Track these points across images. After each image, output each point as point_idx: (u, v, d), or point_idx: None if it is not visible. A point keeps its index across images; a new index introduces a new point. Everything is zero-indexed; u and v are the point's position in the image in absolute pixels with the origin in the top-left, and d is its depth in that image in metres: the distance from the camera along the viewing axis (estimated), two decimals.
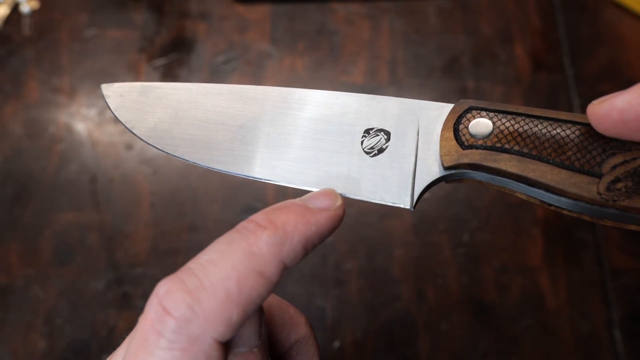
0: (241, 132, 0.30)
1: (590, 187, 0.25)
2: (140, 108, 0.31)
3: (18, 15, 0.73)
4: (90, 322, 0.58)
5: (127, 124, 0.31)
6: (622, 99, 0.23)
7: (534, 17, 0.72)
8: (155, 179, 0.64)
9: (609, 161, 0.25)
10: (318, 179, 0.29)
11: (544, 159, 0.26)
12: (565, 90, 0.68)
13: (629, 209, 0.24)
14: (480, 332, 0.57)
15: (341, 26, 0.72)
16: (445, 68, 0.70)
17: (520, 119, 0.27)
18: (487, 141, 0.27)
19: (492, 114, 0.27)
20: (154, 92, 0.31)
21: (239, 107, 0.30)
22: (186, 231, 0.62)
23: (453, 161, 0.27)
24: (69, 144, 0.66)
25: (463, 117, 0.28)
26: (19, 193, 0.64)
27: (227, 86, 0.31)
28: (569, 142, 0.26)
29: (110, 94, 0.31)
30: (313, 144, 0.29)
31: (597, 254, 0.60)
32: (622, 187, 0.24)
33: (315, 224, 0.23)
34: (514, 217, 0.62)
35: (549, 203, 0.26)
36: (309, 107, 0.30)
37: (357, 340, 0.57)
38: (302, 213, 0.23)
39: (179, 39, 0.72)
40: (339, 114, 0.30)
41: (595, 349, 0.56)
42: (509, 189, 0.27)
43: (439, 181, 0.28)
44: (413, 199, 0.28)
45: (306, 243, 0.22)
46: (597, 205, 0.24)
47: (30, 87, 0.69)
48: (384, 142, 0.29)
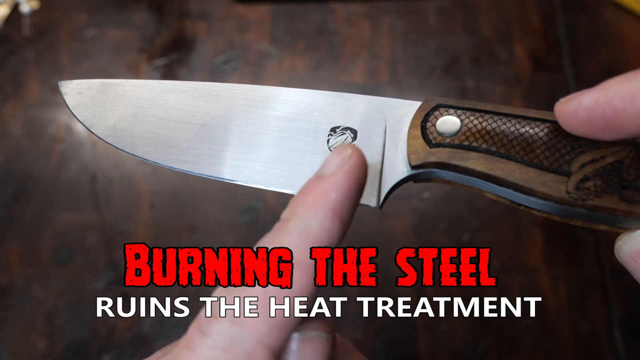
0: (204, 131, 0.29)
1: (559, 186, 0.24)
2: (99, 106, 0.30)
3: (18, 15, 0.73)
4: (90, 322, 0.58)
5: (86, 123, 0.30)
6: (589, 97, 0.22)
7: (534, 17, 0.72)
8: (155, 179, 0.64)
9: (577, 159, 0.24)
10: (283, 178, 0.28)
11: (512, 157, 0.25)
12: (565, 90, 0.68)
13: (598, 208, 0.23)
14: (480, 332, 0.57)
15: (341, 26, 0.72)
16: (445, 68, 0.70)
17: (489, 116, 0.26)
18: (455, 139, 0.26)
19: (460, 111, 0.27)
20: (114, 90, 0.30)
21: (202, 104, 0.30)
22: (186, 231, 0.62)
23: (420, 160, 0.26)
24: (69, 144, 0.66)
25: (431, 115, 0.27)
26: (19, 193, 0.64)
27: (191, 83, 0.30)
28: (537, 140, 0.25)
29: (69, 91, 0.30)
30: (278, 142, 0.28)
31: (597, 254, 0.60)
32: (591, 185, 0.24)
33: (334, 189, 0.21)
34: (514, 217, 0.62)
35: (518, 203, 0.26)
36: (274, 105, 0.29)
37: (357, 340, 0.57)
38: (317, 186, 0.21)
39: (179, 39, 0.72)
40: (305, 112, 0.29)
41: (595, 349, 0.56)
42: (478, 188, 0.27)
43: (406, 180, 0.28)
44: (380, 199, 0.27)
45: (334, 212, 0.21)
46: (566, 204, 0.24)
47: (30, 87, 0.69)
48: (350, 141, 0.28)
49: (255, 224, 0.62)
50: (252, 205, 0.63)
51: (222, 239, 0.61)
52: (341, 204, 0.21)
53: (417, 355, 0.57)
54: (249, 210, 0.63)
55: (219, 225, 0.62)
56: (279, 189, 0.28)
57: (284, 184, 0.28)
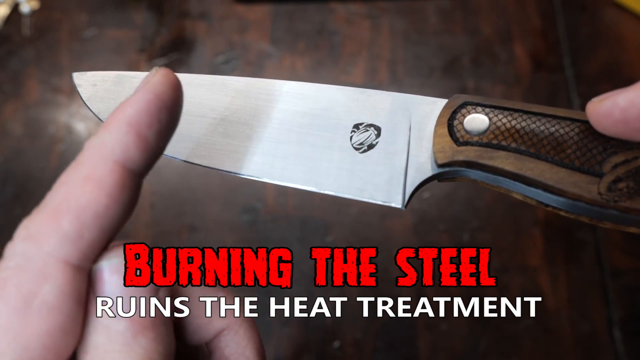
0: (223, 125, 0.28)
1: (591, 186, 0.23)
2: (114, 98, 0.29)
3: (18, 15, 0.73)
4: None
5: (100, 115, 0.29)
6: (624, 96, 0.22)
7: (534, 17, 0.72)
8: (155, 179, 0.64)
9: (609, 160, 0.24)
10: (304, 175, 0.27)
11: (542, 157, 0.24)
12: (565, 90, 0.68)
13: (631, 210, 0.23)
14: (480, 332, 0.57)
15: (341, 26, 0.72)
16: (445, 68, 0.70)
17: (517, 115, 0.26)
18: (483, 138, 0.26)
19: (488, 109, 0.26)
20: (129, 82, 0.29)
21: (221, 98, 0.29)
22: (186, 231, 0.62)
23: (447, 158, 0.26)
24: (69, 144, 0.66)
25: (458, 113, 0.26)
26: (19, 193, 0.64)
27: (208, 77, 0.29)
28: (568, 140, 0.24)
29: (83, 83, 0.29)
30: (299, 138, 0.27)
31: (597, 254, 0.60)
32: (623, 187, 0.23)
33: (131, 105, 0.20)
34: (514, 217, 0.62)
35: (546, 204, 0.25)
36: (295, 100, 0.28)
37: (357, 340, 0.57)
38: (118, 107, 0.21)
39: (179, 39, 0.72)
40: (326, 107, 0.28)
41: (595, 349, 0.56)
42: (505, 188, 0.26)
43: (431, 179, 0.27)
44: (404, 198, 0.26)
45: (130, 125, 0.20)
46: (598, 206, 0.23)
47: (30, 87, 0.69)
48: (374, 138, 0.27)
49: (255, 224, 0.62)
50: (252, 205, 0.63)
51: (222, 239, 0.61)
52: (138, 117, 0.20)
53: (417, 355, 0.57)
54: (249, 210, 0.63)
55: (219, 225, 0.62)
56: (299, 185, 0.27)
57: (305, 181, 0.27)
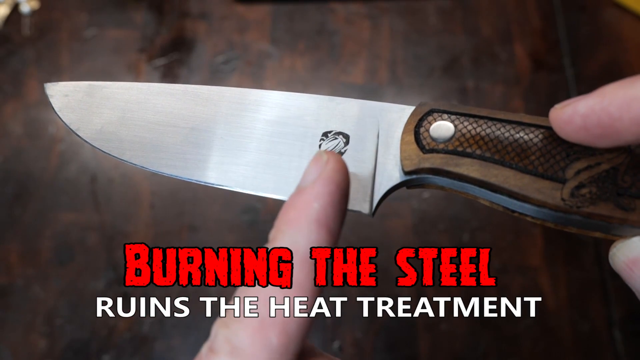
0: (193, 135, 0.28)
1: (554, 192, 0.24)
2: (86, 109, 0.29)
3: (18, 15, 0.73)
4: (90, 322, 0.58)
5: (72, 126, 0.29)
6: (584, 103, 0.22)
7: (534, 17, 0.72)
8: (155, 179, 0.64)
9: (572, 166, 0.24)
10: (274, 184, 0.27)
11: (507, 163, 0.25)
12: (565, 90, 0.68)
13: (593, 215, 0.23)
14: (480, 332, 0.57)
15: (341, 26, 0.72)
16: (445, 68, 0.70)
17: (483, 122, 0.26)
18: (449, 145, 0.26)
19: (454, 116, 0.26)
20: (101, 92, 0.30)
21: (191, 108, 0.29)
22: (186, 231, 0.62)
23: (413, 166, 0.26)
24: (69, 144, 0.66)
25: (424, 120, 0.27)
26: (19, 193, 0.64)
27: (180, 86, 0.29)
28: (532, 147, 0.25)
29: (55, 93, 0.30)
30: (269, 147, 0.28)
31: (597, 254, 0.60)
32: (586, 192, 0.23)
33: (315, 199, 0.20)
34: (514, 217, 0.62)
35: (512, 209, 0.25)
36: (265, 109, 0.29)
37: (357, 340, 0.57)
38: (298, 199, 0.21)
39: (179, 39, 0.72)
40: (296, 116, 0.28)
41: (595, 349, 0.56)
42: (472, 195, 0.26)
43: (399, 186, 0.27)
44: (372, 205, 0.27)
45: (319, 222, 0.20)
46: (561, 211, 0.24)
47: (30, 87, 0.69)
48: (342, 146, 0.27)
49: (255, 224, 0.62)
50: (252, 205, 0.63)
51: (222, 239, 0.61)
52: (325, 212, 0.20)
53: (417, 355, 0.57)
54: (249, 210, 0.63)
55: (219, 225, 0.62)
56: (268, 194, 0.27)
57: (274, 189, 0.27)
